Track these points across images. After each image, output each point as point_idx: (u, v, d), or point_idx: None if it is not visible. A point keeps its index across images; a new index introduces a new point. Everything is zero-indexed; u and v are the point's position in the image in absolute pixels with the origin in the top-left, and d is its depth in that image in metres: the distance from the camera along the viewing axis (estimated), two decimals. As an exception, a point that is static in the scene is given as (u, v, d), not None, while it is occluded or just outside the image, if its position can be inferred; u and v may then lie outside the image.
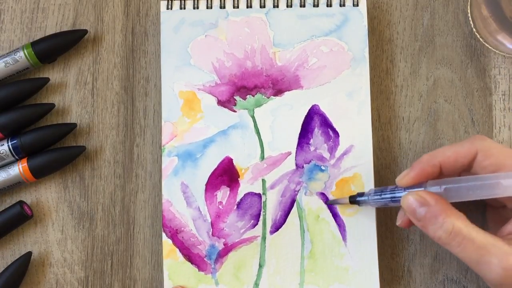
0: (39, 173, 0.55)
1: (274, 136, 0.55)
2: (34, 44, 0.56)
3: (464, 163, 0.48)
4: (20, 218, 0.55)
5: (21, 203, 0.55)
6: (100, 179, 0.57)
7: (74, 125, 0.56)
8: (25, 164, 0.55)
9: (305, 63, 0.56)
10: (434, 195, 0.46)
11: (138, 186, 0.57)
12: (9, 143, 0.55)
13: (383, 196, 0.50)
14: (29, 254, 0.55)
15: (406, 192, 0.48)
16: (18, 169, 0.55)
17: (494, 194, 0.45)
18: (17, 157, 0.55)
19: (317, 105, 0.55)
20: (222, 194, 0.55)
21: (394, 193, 0.49)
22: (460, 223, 0.45)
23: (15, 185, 0.56)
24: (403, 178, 0.48)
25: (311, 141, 0.55)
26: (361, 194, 0.52)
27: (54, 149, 0.56)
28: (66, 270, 0.56)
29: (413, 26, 0.58)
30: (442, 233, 0.45)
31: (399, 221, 0.51)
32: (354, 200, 0.53)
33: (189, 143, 0.55)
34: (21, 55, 0.56)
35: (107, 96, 0.58)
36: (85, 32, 0.57)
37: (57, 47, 0.56)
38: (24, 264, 0.54)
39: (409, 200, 0.47)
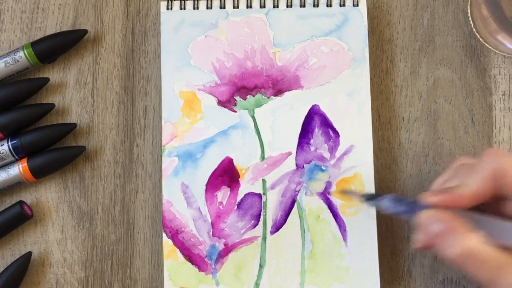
0: (39, 173, 0.55)
1: (274, 136, 0.55)
2: (34, 44, 0.56)
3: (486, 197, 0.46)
4: (20, 218, 0.55)
5: (21, 203, 0.55)
6: (100, 179, 0.57)
7: (74, 125, 0.56)
8: (25, 164, 0.55)
9: (305, 63, 0.56)
10: (449, 212, 0.44)
11: (138, 186, 0.57)
12: (9, 143, 0.55)
13: (401, 207, 0.48)
14: (29, 254, 0.55)
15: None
16: (18, 169, 0.55)
17: None
18: (17, 157, 0.55)
19: (317, 105, 0.55)
20: (223, 194, 0.55)
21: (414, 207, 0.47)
22: (475, 243, 0.43)
23: (15, 185, 0.56)
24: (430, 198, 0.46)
25: (312, 141, 0.55)
26: (375, 196, 0.51)
27: (54, 149, 0.56)
28: (66, 270, 0.56)
29: (413, 26, 0.58)
30: (453, 253, 0.43)
31: (419, 243, 0.47)
32: (368, 201, 0.52)
33: (189, 143, 0.55)
34: (21, 55, 0.56)
35: (107, 96, 0.58)
36: (85, 32, 0.57)
37: (57, 47, 0.56)
38: (24, 264, 0.54)
39: (425, 216, 0.45)
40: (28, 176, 0.55)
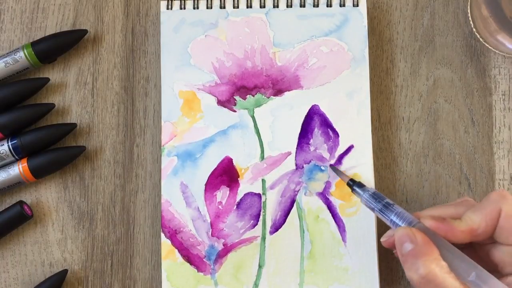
0: (39, 173, 0.55)
1: (274, 136, 0.55)
2: (34, 44, 0.56)
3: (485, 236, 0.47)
4: (20, 218, 0.55)
5: (21, 203, 0.55)
6: (100, 179, 0.57)
7: (74, 125, 0.57)
8: (25, 164, 0.55)
9: (305, 63, 0.56)
10: (423, 236, 0.45)
11: (138, 186, 0.57)
12: (9, 143, 0.55)
13: (377, 204, 0.49)
14: (64, 272, 0.55)
15: (396, 217, 0.48)
16: (18, 169, 0.55)
17: None
18: (17, 157, 0.55)
19: (317, 105, 0.55)
20: (222, 194, 0.55)
21: (388, 210, 0.49)
22: (438, 269, 0.43)
23: (15, 185, 0.56)
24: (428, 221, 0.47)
25: (311, 141, 0.55)
26: (361, 186, 0.52)
27: (54, 149, 0.56)
28: (66, 270, 0.56)
29: (413, 26, 0.58)
30: (415, 276, 0.44)
31: (385, 238, 0.50)
32: (351, 186, 0.52)
33: (189, 143, 0.55)
34: (21, 55, 0.56)
35: (107, 96, 0.58)
36: (85, 32, 0.57)
37: (57, 47, 0.56)
38: (59, 280, 0.55)
39: (401, 232, 0.46)
40: (28, 176, 0.55)
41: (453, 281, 0.43)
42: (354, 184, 0.52)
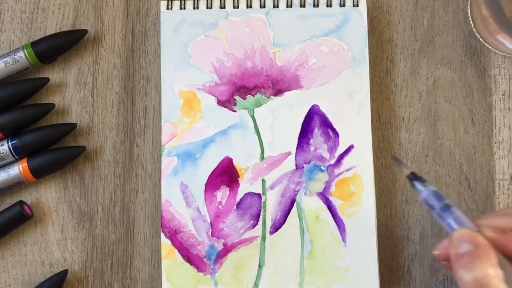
0: (39, 173, 0.55)
1: (274, 136, 0.55)
2: (34, 44, 0.56)
3: None
4: (20, 218, 0.55)
5: (21, 203, 0.55)
6: (100, 179, 0.57)
7: (74, 125, 0.57)
8: (25, 164, 0.55)
9: (305, 63, 0.56)
10: (485, 240, 0.44)
11: (138, 186, 0.57)
12: (9, 143, 0.55)
13: (436, 204, 0.47)
14: (65, 272, 0.55)
15: (454, 221, 0.46)
16: (18, 169, 0.55)
17: None
18: (17, 157, 0.55)
19: (317, 105, 0.55)
20: (222, 194, 0.55)
21: (447, 212, 0.47)
22: (494, 276, 0.42)
23: (15, 185, 0.56)
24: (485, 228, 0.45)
25: (311, 141, 0.55)
26: (423, 181, 0.49)
27: (54, 149, 0.56)
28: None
29: (413, 26, 0.58)
30: (468, 276, 0.42)
31: (438, 251, 0.48)
32: (411, 180, 0.49)
33: (189, 143, 0.55)
34: (21, 55, 0.56)
35: (107, 96, 0.58)
36: (85, 32, 0.57)
37: (57, 47, 0.56)
38: (59, 280, 0.55)
39: (461, 232, 0.44)
40: (28, 176, 0.55)
41: None
42: (415, 178, 0.49)
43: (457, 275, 0.43)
